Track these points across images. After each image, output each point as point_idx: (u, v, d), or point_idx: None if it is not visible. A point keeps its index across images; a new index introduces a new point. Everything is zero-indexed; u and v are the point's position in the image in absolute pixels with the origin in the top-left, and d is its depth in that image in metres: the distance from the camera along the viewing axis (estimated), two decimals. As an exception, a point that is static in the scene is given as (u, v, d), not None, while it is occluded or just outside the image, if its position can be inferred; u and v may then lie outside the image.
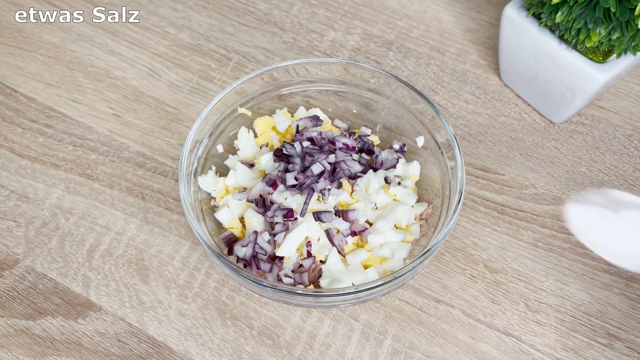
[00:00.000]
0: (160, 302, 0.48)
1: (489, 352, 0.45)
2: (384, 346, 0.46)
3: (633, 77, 0.59)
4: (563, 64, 0.49)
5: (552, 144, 0.55)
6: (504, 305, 0.47)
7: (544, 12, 0.47)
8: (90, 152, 0.55)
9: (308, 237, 0.44)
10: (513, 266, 0.49)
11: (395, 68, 0.60)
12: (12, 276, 0.49)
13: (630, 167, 0.54)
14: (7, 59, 0.62)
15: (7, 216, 0.52)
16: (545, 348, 0.45)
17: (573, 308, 0.47)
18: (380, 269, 0.45)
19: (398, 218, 0.46)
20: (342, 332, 0.46)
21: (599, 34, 0.44)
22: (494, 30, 0.63)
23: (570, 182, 0.53)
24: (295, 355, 0.45)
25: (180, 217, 0.51)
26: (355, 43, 0.62)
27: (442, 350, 0.45)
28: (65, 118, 0.57)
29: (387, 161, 0.49)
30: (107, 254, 0.50)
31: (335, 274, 0.44)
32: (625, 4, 0.42)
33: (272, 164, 0.48)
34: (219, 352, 0.45)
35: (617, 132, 0.56)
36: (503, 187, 0.53)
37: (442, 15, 0.64)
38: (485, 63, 0.61)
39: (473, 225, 0.51)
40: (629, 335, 0.46)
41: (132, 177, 0.54)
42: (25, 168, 0.54)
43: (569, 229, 0.49)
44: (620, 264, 0.48)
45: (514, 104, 0.58)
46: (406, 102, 0.49)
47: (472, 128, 0.56)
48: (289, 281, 0.44)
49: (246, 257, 0.45)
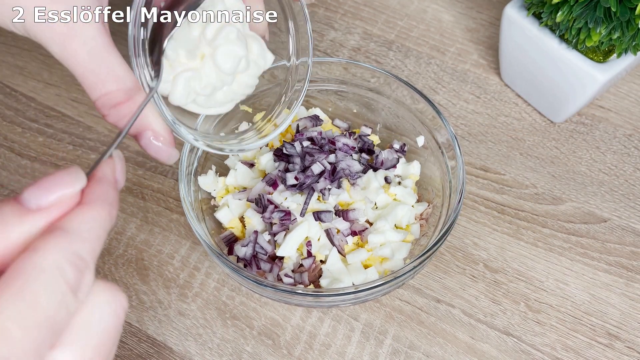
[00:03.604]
0: (160, 301, 0.47)
1: (489, 352, 0.45)
2: (384, 346, 0.45)
3: (633, 77, 0.59)
4: (563, 64, 0.49)
5: (553, 144, 0.55)
6: (504, 305, 0.47)
7: (545, 12, 0.47)
8: (90, 152, 0.55)
9: (308, 237, 0.44)
10: (513, 266, 0.49)
11: (395, 68, 0.60)
12: (11, 276, 0.49)
13: (630, 167, 0.54)
14: (6, 58, 0.62)
15: (7, 216, 0.52)
16: (545, 348, 0.45)
17: (573, 308, 0.47)
18: (380, 269, 0.45)
19: (398, 218, 0.46)
20: (342, 332, 0.46)
21: (600, 33, 0.44)
22: (494, 29, 0.63)
23: (571, 181, 0.53)
24: (295, 355, 0.45)
25: (180, 217, 0.51)
26: (355, 42, 0.62)
27: (442, 350, 0.45)
28: (65, 117, 0.57)
29: (387, 161, 0.49)
30: (106, 253, 0.50)
31: (335, 273, 0.44)
32: (625, 4, 0.42)
33: (272, 163, 0.48)
34: (219, 352, 0.45)
35: (617, 132, 0.56)
36: (503, 187, 0.53)
37: (443, 14, 0.64)
38: (486, 63, 0.61)
39: (473, 225, 0.51)
40: (629, 335, 0.46)
41: (132, 177, 0.54)
42: (24, 167, 0.54)
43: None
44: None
45: (514, 103, 0.58)
46: (406, 102, 0.49)
47: (472, 128, 0.56)
48: (289, 281, 0.43)
49: (246, 257, 0.45)
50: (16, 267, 0.19)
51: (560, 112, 0.54)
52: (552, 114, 0.56)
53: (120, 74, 0.31)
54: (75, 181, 0.21)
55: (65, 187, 0.21)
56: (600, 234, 0.50)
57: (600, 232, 0.50)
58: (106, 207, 0.22)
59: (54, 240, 0.20)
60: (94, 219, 0.21)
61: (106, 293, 0.21)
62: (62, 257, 0.19)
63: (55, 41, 0.29)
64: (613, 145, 0.55)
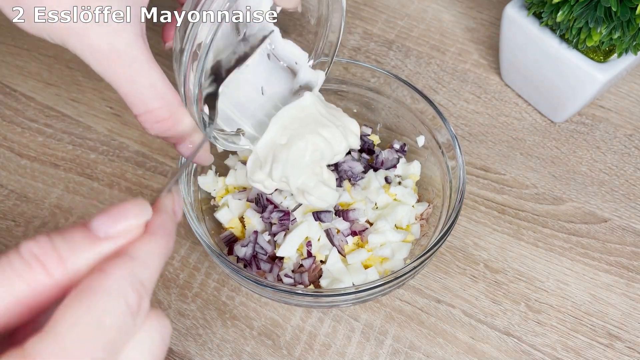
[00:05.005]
0: (160, 302, 0.47)
1: (489, 353, 0.45)
2: (384, 346, 0.45)
3: (634, 77, 0.59)
4: (564, 64, 0.49)
5: (553, 144, 0.55)
6: (504, 306, 0.47)
7: (545, 12, 0.47)
8: (89, 152, 0.55)
9: (308, 237, 0.44)
10: (514, 266, 0.49)
11: (395, 67, 0.60)
12: (11, 276, 0.49)
13: (631, 167, 0.54)
14: (6, 58, 0.61)
15: (7, 216, 0.52)
16: (546, 348, 0.45)
17: (574, 308, 0.47)
18: (380, 269, 0.45)
19: (398, 218, 0.46)
20: (343, 332, 0.46)
21: (600, 33, 0.44)
22: (494, 29, 0.62)
23: (571, 181, 0.53)
24: (295, 355, 0.45)
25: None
26: (355, 42, 0.62)
27: (442, 351, 0.45)
28: (64, 117, 0.57)
29: (387, 161, 0.49)
30: (106, 253, 0.50)
31: (335, 274, 0.44)
32: (626, 4, 0.42)
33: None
34: (219, 352, 0.45)
35: (617, 132, 0.56)
36: (504, 187, 0.53)
37: (443, 14, 0.64)
38: (486, 62, 0.60)
39: (474, 225, 0.51)
40: (629, 335, 0.46)
41: (131, 177, 0.54)
42: (24, 167, 0.54)
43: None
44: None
45: (514, 103, 0.58)
46: (407, 102, 0.49)
47: (472, 127, 0.56)
48: (289, 281, 0.43)
49: (246, 257, 0.44)
50: (85, 286, 0.20)
51: (560, 112, 0.54)
52: (552, 114, 0.56)
53: (162, 90, 0.32)
54: (142, 213, 0.23)
55: (133, 218, 0.22)
56: (600, 234, 0.50)
57: (600, 232, 0.50)
58: (166, 237, 0.23)
59: (120, 264, 0.21)
60: (155, 248, 0.22)
61: (156, 320, 0.22)
62: (126, 282, 0.20)
63: (97, 60, 0.30)
64: (613, 145, 0.55)
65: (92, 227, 0.22)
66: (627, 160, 0.54)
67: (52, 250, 0.20)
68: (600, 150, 0.55)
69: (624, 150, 0.55)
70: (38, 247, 0.21)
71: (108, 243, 0.22)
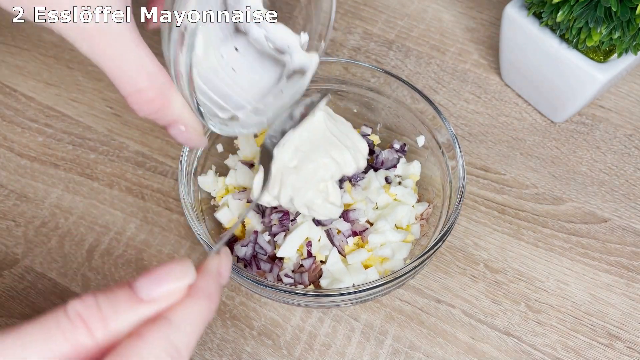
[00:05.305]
0: (160, 302, 0.47)
1: (489, 353, 0.45)
2: (384, 346, 0.45)
3: (634, 77, 0.59)
4: (564, 64, 0.49)
5: (553, 144, 0.55)
6: (504, 306, 0.47)
7: (545, 12, 0.47)
8: (89, 152, 0.55)
9: (308, 238, 0.44)
10: (514, 266, 0.49)
11: (395, 67, 0.60)
12: (11, 276, 0.49)
13: (631, 167, 0.54)
14: (6, 58, 0.61)
15: (7, 216, 0.52)
16: (546, 348, 0.45)
17: (574, 308, 0.47)
18: (380, 269, 0.45)
19: (399, 218, 0.46)
20: (343, 332, 0.46)
21: (600, 33, 0.44)
22: (494, 29, 0.62)
23: (571, 181, 0.53)
24: (295, 355, 0.45)
25: (180, 217, 0.51)
26: (355, 42, 0.62)
27: (442, 351, 0.45)
28: (64, 117, 0.57)
29: (387, 161, 0.49)
30: (106, 253, 0.50)
31: (335, 274, 0.44)
32: (626, 3, 0.42)
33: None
34: (219, 352, 0.45)
35: (617, 132, 0.56)
36: (504, 187, 0.53)
37: (443, 14, 0.64)
38: (486, 62, 0.60)
39: (474, 225, 0.51)
40: (629, 335, 0.46)
41: (131, 177, 0.54)
42: (24, 167, 0.54)
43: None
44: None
45: (514, 103, 0.58)
46: (407, 102, 0.49)
47: (472, 127, 0.56)
48: (289, 281, 0.43)
49: (246, 257, 0.44)
50: (122, 352, 0.20)
51: (560, 112, 0.54)
52: (552, 114, 0.56)
53: (151, 70, 0.31)
54: (186, 275, 0.23)
55: (176, 281, 0.22)
56: (600, 234, 0.50)
57: (600, 232, 0.50)
58: (207, 301, 0.23)
59: (157, 329, 0.21)
60: (195, 313, 0.23)
61: None
62: (161, 348, 0.21)
63: (84, 39, 0.29)
64: (613, 145, 0.55)
65: (136, 288, 0.22)
66: (627, 160, 0.54)
67: (96, 310, 0.21)
68: (600, 150, 0.55)
69: (624, 150, 0.55)
70: (84, 307, 0.21)
71: (149, 306, 0.22)
